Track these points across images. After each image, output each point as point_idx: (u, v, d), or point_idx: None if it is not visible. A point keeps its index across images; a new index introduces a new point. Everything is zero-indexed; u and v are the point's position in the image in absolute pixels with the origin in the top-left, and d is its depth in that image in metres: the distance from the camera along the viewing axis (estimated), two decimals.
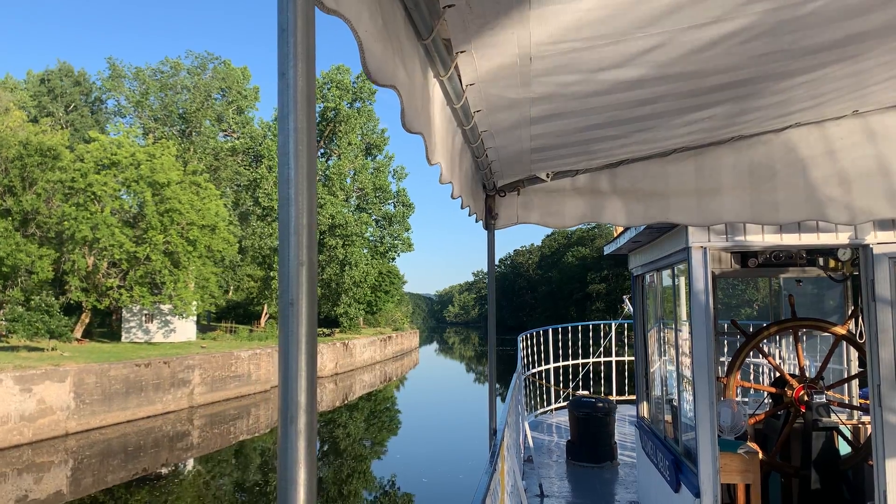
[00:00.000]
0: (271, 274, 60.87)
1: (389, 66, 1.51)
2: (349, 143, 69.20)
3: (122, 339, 46.59)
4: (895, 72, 2.91)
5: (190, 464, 26.94)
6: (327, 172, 68.95)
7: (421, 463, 26.18)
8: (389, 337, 77.60)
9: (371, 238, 72.97)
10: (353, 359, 60.70)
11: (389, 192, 73.10)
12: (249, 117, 65.79)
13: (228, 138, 64.61)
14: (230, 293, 70.51)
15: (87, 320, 43.59)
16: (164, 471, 25.30)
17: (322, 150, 70.82)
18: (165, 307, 45.95)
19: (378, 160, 74.01)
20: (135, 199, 42.35)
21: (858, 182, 3.74)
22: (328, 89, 68.39)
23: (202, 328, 56.29)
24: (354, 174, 70.69)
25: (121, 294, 41.96)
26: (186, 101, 60.18)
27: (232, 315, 67.22)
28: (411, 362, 79.47)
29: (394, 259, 75.95)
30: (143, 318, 47.34)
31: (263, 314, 65.41)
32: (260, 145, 63.45)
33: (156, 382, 33.24)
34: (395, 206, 74.35)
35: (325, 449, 29.05)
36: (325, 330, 64.71)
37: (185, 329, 49.11)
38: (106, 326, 51.41)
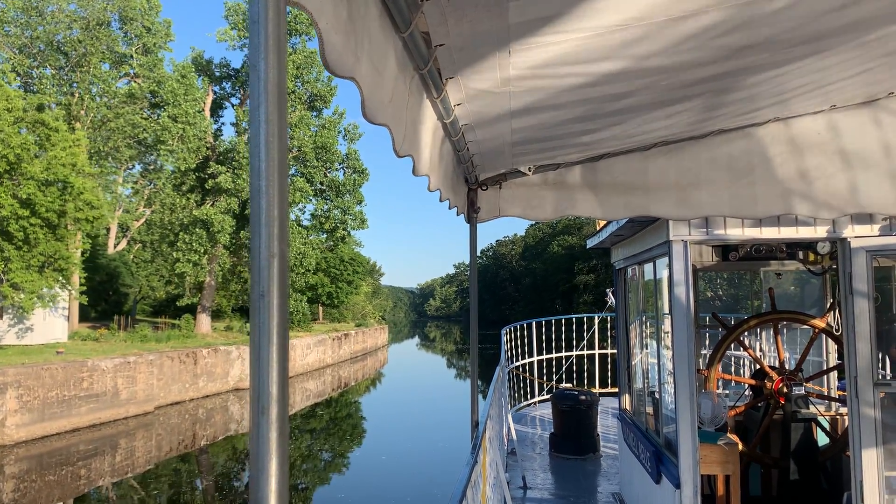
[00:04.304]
0: (175, 255, 46.90)
1: (349, 59, 1.51)
2: None
3: None
4: (860, 69, 2.98)
5: None
6: (248, 126, 46.52)
7: (385, 485, 21.72)
8: (346, 334, 65.81)
9: (316, 212, 58.09)
10: (292, 363, 48.93)
11: (336, 154, 55.65)
12: (159, 58, 49.78)
13: (133, 83, 49.10)
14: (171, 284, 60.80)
15: None
16: None
17: (240, 98, 54.58)
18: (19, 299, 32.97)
19: (325, 116, 55.90)
20: None
21: (827, 178, 3.83)
22: None
23: (140, 325, 44.14)
24: (291, 130, 52.89)
25: None
26: (65, 29, 43.92)
27: (171, 309, 57.82)
28: (377, 363, 68.93)
29: (344, 238, 61.28)
30: None
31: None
32: (162, 88, 46.52)
33: None
34: (343, 173, 57.72)
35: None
36: None
37: (51, 327, 36.62)
38: None
